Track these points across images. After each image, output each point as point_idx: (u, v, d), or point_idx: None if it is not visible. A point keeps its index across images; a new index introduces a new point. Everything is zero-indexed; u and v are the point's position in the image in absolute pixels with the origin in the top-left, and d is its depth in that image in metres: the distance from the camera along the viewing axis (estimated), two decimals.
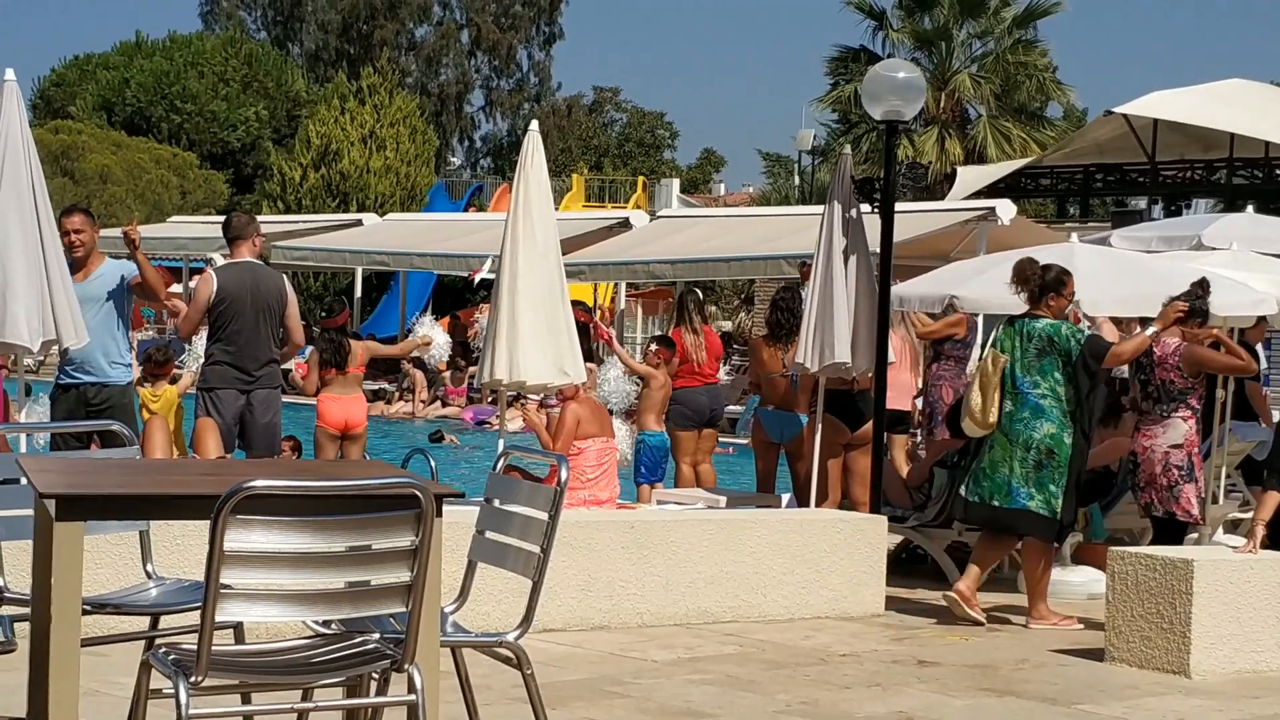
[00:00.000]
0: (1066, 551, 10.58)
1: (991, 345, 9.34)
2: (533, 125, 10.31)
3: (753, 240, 22.77)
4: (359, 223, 31.21)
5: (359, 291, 30.93)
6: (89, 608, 4.95)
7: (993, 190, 30.93)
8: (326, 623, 4.84)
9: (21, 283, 8.92)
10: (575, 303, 11.30)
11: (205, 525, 4.13)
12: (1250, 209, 17.27)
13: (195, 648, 4.20)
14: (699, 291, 15.74)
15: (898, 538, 10.94)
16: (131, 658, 5.16)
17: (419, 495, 4.28)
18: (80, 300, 9.24)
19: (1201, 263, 12.23)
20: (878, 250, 10.87)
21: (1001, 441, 9.17)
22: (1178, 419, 9.43)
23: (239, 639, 5.07)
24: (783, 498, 12.21)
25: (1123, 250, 13.74)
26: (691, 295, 14.08)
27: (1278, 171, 31.12)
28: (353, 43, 63.77)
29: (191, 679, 4.17)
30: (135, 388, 10.88)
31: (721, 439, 14.58)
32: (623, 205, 39.89)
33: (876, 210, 10.84)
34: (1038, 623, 9.18)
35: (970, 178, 33.21)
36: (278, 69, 55.24)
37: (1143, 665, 8.10)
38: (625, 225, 25.81)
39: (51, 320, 9.00)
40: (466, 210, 39.48)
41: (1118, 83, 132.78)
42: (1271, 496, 8.47)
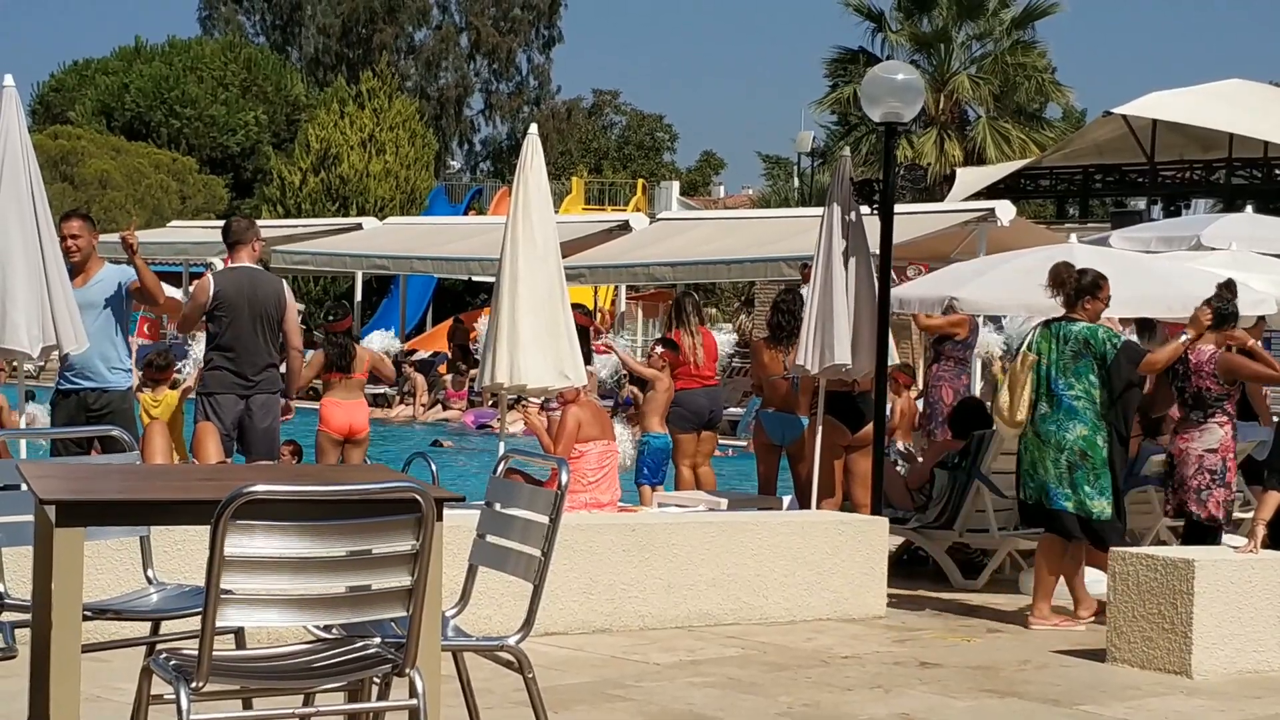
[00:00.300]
0: None
1: (1027, 347, 9.40)
2: (532, 128, 10.30)
3: (752, 242, 22.77)
4: (359, 226, 31.23)
5: (359, 295, 30.93)
6: (90, 613, 4.95)
7: (992, 191, 30.96)
8: (327, 627, 4.84)
9: (21, 288, 8.91)
10: (575, 305, 11.29)
11: (206, 530, 4.13)
12: (1249, 209, 17.31)
13: (196, 653, 4.20)
14: (696, 294, 15.73)
15: (899, 539, 10.94)
16: (133, 663, 5.17)
17: (419, 499, 4.28)
18: (80, 306, 9.23)
19: (1201, 263, 12.25)
20: (878, 252, 10.87)
21: (1035, 443, 9.27)
22: (1213, 424, 9.47)
23: (240, 644, 5.07)
24: (784, 500, 12.21)
25: (1122, 251, 13.75)
26: (690, 297, 14.07)
27: (1277, 171, 31.14)
28: (352, 47, 63.79)
29: (193, 684, 4.17)
30: (135, 393, 10.88)
31: (720, 441, 14.57)
32: (622, 208, 39.90)
33: (876, 212, 10.83)
34: (1039, 622, 9.18)
35: (970, 179, 33.25)
36: (277, 73, 55.26)
37: (1144, 666, 8.10)
38: (625, 228, 25.82)
39: (51, 326, 9.00)
40: (466, 214, 39.52)
41: (1116, 83, 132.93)
42: (1272, 496, 8.48)
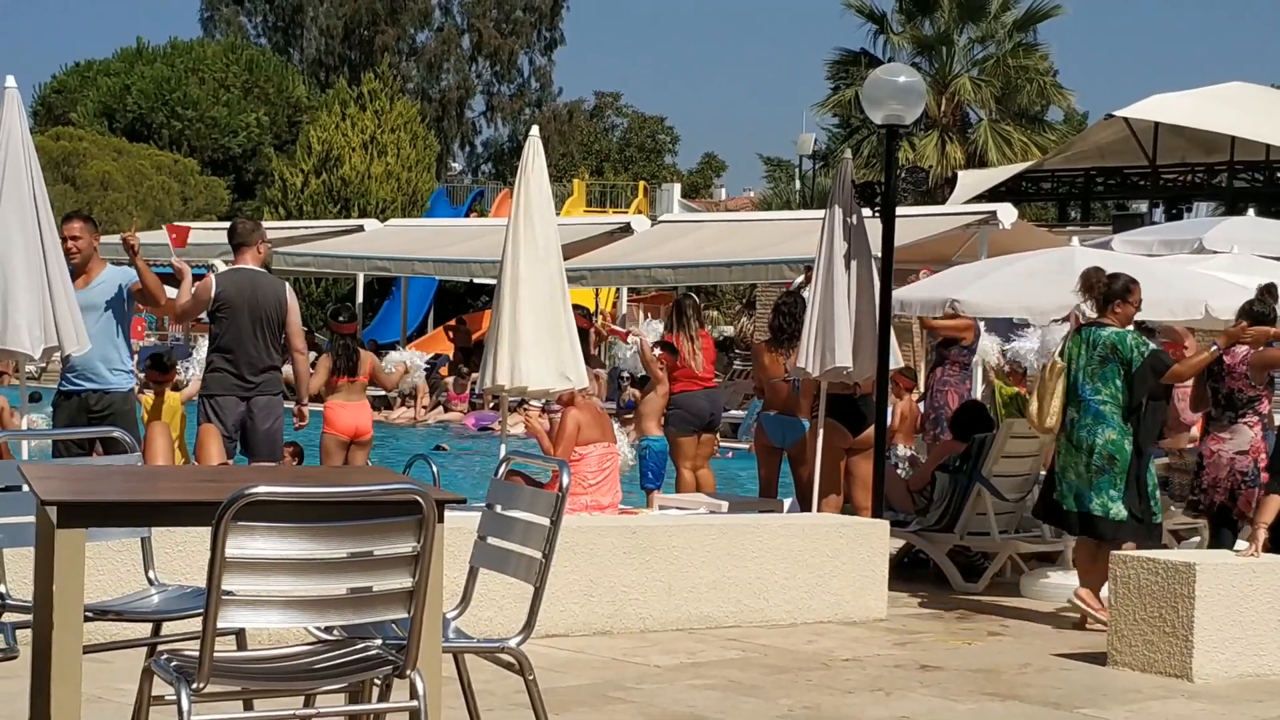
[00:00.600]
0: (1068, 555, 10.59)
1: (1059, 353, 9.45)
2: (534, 130, 10.32)
3: (754, 245, 22.75)
4: (360, 228, 31.20)
5: (360, 297, 30.93)
6: (91, 614, 4.96)
7: (994, 194, 30.94)
8: (328, 629, 4.84)
9: (23, 290, 8.92)
10: (576, 307, 11.29)
11: (207, 532, 4.13)
12: (1251, 212, 17.31)
13: (197, 654, 4.20)
14: (695, 296, 15.73)
15: (900, 542, 10.94)
16: (134, 664, 5.17)
17: (420, 501, 4.29)
18: (81, 307, 9.23)
19: (1203, 266, 12.25)
20: (879, 254, 10.87)
21: (1066, 447, 9.36)
22: (1244, 425, 9.51)
23: (241, 645, 5.08)
24: (784, 502, 12.20)
25: (1124, 254, 13.74)
26: (689, 300, 14.07)
27: (1279, 175, 31.12)
28: (354, 48, 63.80)
29: (194, 685, 4.17)
30: (137, 394, 10.88)
31: (720, 443, 14.56)
32: (624, 210, 39.87)
33: (877, 214, 10.83)
34: (1082, 602, 9.22)
35: (971, 181, 33.24)
36: (279, 75, 55.26)
37: (1145, 669, 8.09)
38: (626, 230, 25.81)
39: (53, 327, 9.00)
40: (468, 216, 39.50)
41: (1118, 86, 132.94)
42: (1273, 499, 8.49)
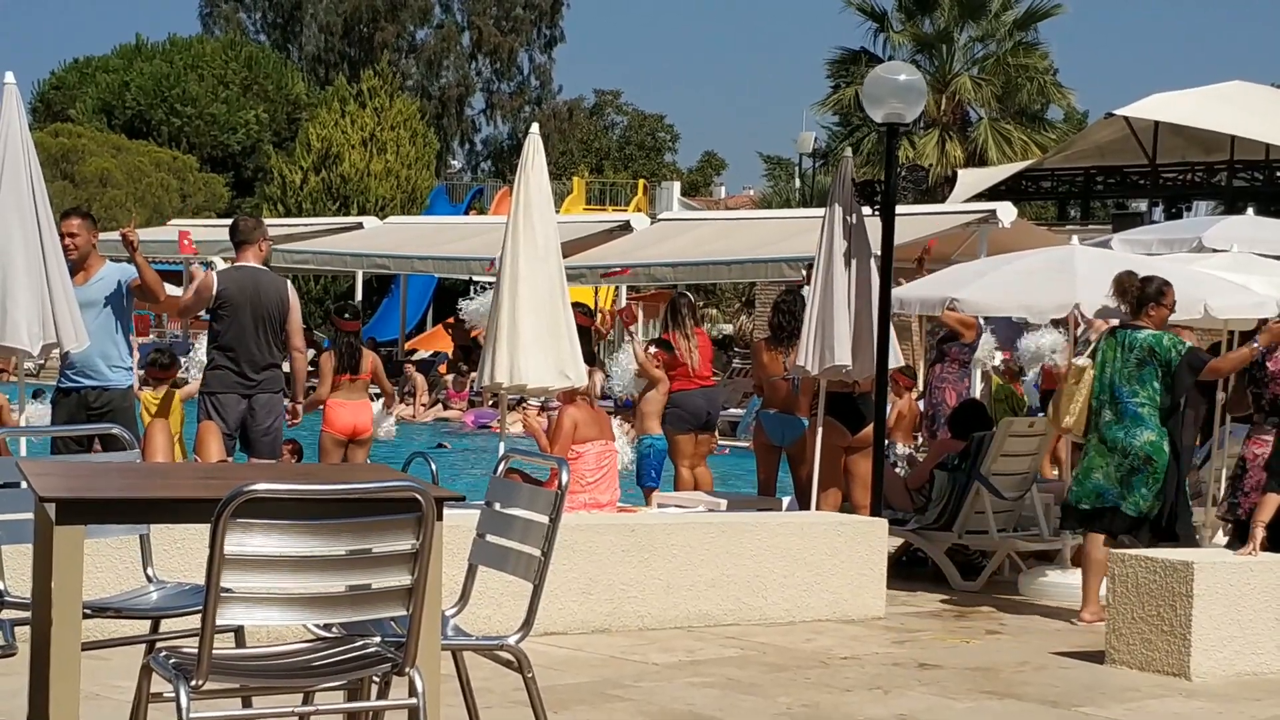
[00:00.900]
0: (1067, 554, 10.60)
1: (1090, 354, 9.48)
2: (533, 128, 10.30)
3: (754, 243, 22.77)
4: (359, 226, 31.23)
5: (359, 295, 30.96)
6: (89, 611, 4.96)
7: (993, 193, 30.94)
8: (327, 626, 4.84)
9: (22, 286, 8.91)
10: (576, 305, 11.28)
11: (206, 529, 4.13)
12: (1251, 211, 17.29)
13: (196, 651, 4.20)
14: (690, 295, 15.71)
15: (898, 540, 10.94)
16: (132, 661, 5.17)
17: (419, 499, 4.29)
18: (80, 304, 9.23)
19: (1202, 265, 12.23)
20: (879, 253, 10.87)
21: (1098, 448, 9.36)
22: None
23: (240, 643, 5.07)
24: (783, 501, 12.21)
25: (1124, 253, 13.73)
26: (684, 299, 14.05)
27: (1278, 174, 31.12)
28: (353, 46, 63.79)
29: (192, 682, 4.17)
30: (137, 391, 10.88)
31: (718, 441, 14.54)
32: (623, 208, 39.88)
33: (877, 213, 10.83)
34: (1089, 618, 9.23)
35: (971, 180, 33.22)
36: (278, 72, 55.26)
37: (1143, 668, 8.10)
38: (626, 228, 25.82)
39: (52, 324, 9.00)
40: (467, 213, 39.54)
41: (1118, 85, 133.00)
42: (1271, 498, 8.50)
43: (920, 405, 14.49)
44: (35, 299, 8.94)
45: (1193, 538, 9.46)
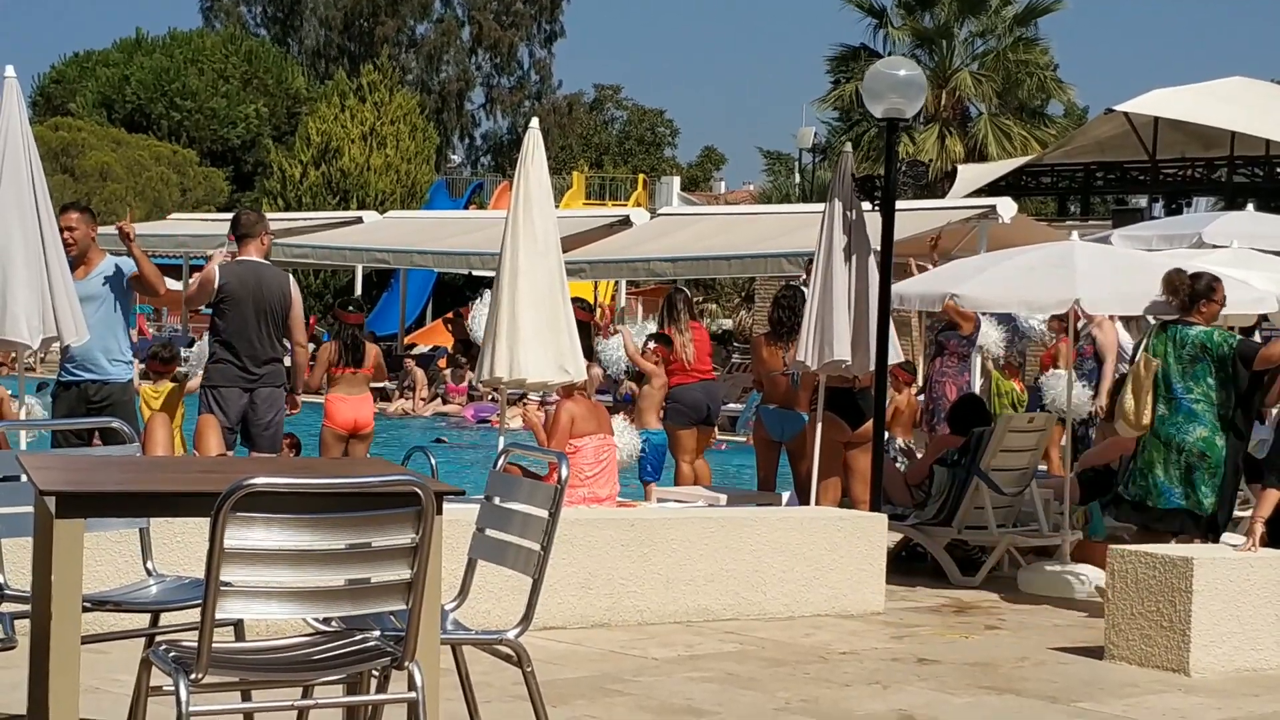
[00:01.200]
0: (1066, 550, 10.59)
1: (1143, 350, 9.46)
2: (533, 123, 10.29)
3: (753, 238, 22.73)
4: (359, 220, 31.18)
5: (359, 289, 30.94)
6: (89, 605, 4.96)
7: (993, 188, 30.91)
8: (327, 620, 4.85)
9: (22, 280, 8.92)
10: (575, 299, 11.28)
11: (205, 523, 4.13)
12: (1250, 207, 17.27)
13: (195, 645, 4.20)
14: (686, 290, 15.71)
15: (898, 536, 10.94)
16: (132, 655, 5.17)
17: (419, 493, 4.29)
18: (80, 298, 9.24)
19: (1202, 261, 12.22)
20: (879, 248, 10.86)
21: (1155, 444, 9.35)
22: None
23: (239, 636, 5.08)
24: (783, 496, 12.21)
25: (1124, 249, 13.73)
26: (680, 294, 14.05)
27: (1278, 170, 31.11)
28: (353, 40, 63.78)
29: (192, 676, 4.17)
30: (137, 385, 10.87)
31: (717, 435, 14.54)
32: (623, 203, 39.90)
33: (877, 208, 10.83)
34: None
35: (971, 175, 33.20)
36: (278, 66, 55.22)
37: (1142, 663, 8.10)
38: (626, 223, 25.77)
39: (52, 317, 9.00)
40: (467, 208, 39.52)
41: (1118, 80, 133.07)
42: (1271, 494, 8.49)
43: (920, 400, 14.49)
44: (35, 293, 8.95)
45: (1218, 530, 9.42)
